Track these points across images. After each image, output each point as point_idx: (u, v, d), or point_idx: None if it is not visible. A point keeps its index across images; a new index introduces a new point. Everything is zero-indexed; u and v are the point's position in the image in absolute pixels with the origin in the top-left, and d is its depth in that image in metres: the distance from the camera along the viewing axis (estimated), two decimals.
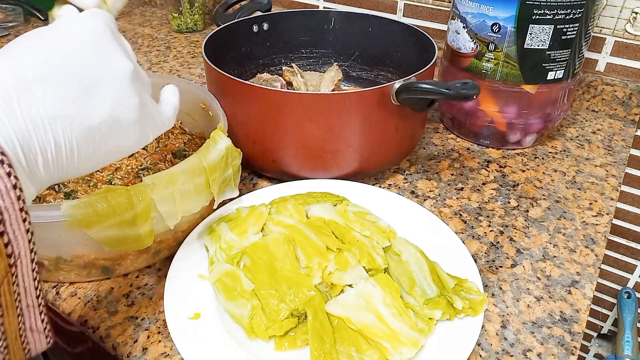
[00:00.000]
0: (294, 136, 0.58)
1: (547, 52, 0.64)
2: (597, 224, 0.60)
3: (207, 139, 0.50)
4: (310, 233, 0.50)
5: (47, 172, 0.28)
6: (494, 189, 0.66)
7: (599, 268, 0.54)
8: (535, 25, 0.62)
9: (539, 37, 0.63)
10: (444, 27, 0.94)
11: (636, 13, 0.76)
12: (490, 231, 0.59)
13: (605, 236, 0.58)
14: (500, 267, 0.54)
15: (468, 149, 0.75)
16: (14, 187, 0.24)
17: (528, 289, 0.51)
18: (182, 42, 1.12)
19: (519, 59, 0.65)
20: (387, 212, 0.55)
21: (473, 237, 0.58)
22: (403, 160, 0.71)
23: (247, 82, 0.57)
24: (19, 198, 0.24)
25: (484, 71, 0.68)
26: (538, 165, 0.71)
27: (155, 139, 0.64)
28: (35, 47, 0.29)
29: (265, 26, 0.78)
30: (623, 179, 0.75)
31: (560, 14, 0.61)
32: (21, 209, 0.25)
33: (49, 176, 0.29)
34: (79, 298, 0.49)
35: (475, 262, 0.52)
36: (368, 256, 0.48)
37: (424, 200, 0.63)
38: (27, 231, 0.25)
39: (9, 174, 0.24)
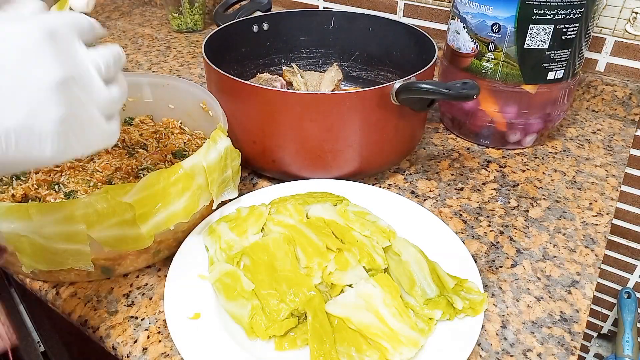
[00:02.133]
0: (294, 136, 0.58)
1: (547, 52, 0.64)
2: (597, 224, 0.60)
3: (207, 139, 0.50)
4: (310, 233, 0.50)
5: None
6: (494, 189, 0.66)
7: (599, 268, 0.54)
8: (535, 25, 0.62)
9: (539, 37, 0.63)
10: (444, 27, 0.94)
11: (636, 13, 0.76)
12: (490, 231, 0.59)
13: (605, 236, 0.58)
14: (500, 267, 0.54)
15: (468, 149, 0.75)
16: None
17: (528, 289, 0.51)
18: (182, 42, 1.12)
19: (519, 59, 0.65)
20: (387, 212, 0.55)
21: (473, 237, 0.58)
22: (403, 160, 0.71)
23: (247, 82, 0.57)
24: None
25: (484, 71, 0.68)
26: (538, 165, 0.71)
27: (155, 139, 0.64)
28: None
29: (265, 26, 0.78)
30: (623, 179, 0.75)
31: (560, 14, 0.61)
32: None
33: None
34: (79, 298, 0.49)
35: (475, 262, 0.52)
36: (368, 256, 0.48)
37: (424, 200, 0.63)
38: None
39: None
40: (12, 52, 0.28)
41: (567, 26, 0.62)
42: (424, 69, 0.58)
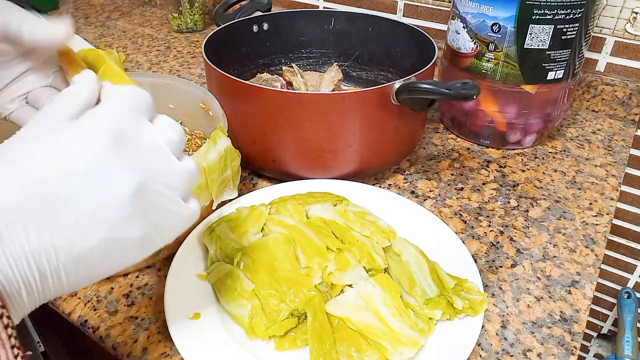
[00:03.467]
0: (294, 136, 0.58)
1: (547, 52, 0.64)
2: (597, 224, 0.60)
3: (207, 139, 0.50)
4: (310, 233, 0.50)
5: (32, 300, 0.26)
6: (494, 189, 0.66)
7: (599, 268, 0.54)
8: (535, 25, 0.62)
9: (539, 37, 0.63)
10: (444, 27, 0.94)
11: (636, 13, 0.76)
12: (490, 231, 0.59)
13: (605, 236, 0.58)
14: (500, 267, 0.54)
15: (468, 149, 0.75)
16: (6, 327, 0.22)
17: (528, 289, 0.51)
18: (182, 42, 1.12)
19: (519, 59, 0.65)
20: (387, 212, 0.55)
21: (473, 237, 0.58)
22: (403, 160, 0.71)
23: (247, 82, 0.57)
24: (10, 336, 0.23)
25: (484, 71, 0.68)
26: (538, 165, 0.71)
27: None
28: (24, 169, 0.25)
29: (265, 26, 0.78)
30: (623, 179, 0.75)
31: (560, 14, 0.61)
32: (12, 347, 0.23)
33: (33, 303, 0.26)
34: (79, 298, 0.49)
35: (475, 262, 0.52)
36: (368, 256, 0.48)
37: (424, 200, 0.63)
38: None
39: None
40: (82, 167, 0.26)
41: (567, 26, 0.62)
42: (424, 69, 0.58)
